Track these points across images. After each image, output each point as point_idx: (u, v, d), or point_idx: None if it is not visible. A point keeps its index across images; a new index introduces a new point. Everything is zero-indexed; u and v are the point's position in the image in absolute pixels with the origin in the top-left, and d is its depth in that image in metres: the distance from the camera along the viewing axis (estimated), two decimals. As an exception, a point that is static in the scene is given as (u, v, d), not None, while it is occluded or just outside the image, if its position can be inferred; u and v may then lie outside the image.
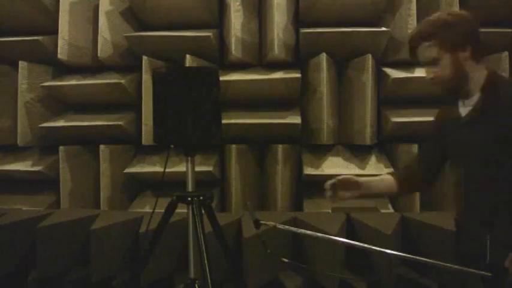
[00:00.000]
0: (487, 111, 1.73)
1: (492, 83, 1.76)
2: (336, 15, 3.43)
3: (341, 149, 3.54)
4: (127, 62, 3.65)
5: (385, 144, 3.56)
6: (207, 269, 2.21)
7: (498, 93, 1.73)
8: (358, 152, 3.50)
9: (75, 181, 3.66)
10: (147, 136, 3.47)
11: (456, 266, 1.65)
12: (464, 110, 1.82)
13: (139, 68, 3.52)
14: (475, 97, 1.77)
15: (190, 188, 2.40)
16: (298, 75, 3.43)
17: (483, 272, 1.56)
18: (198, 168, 2.62)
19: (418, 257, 1.66)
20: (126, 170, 3.55)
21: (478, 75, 1.77)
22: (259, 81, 3.43)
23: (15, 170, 3.73)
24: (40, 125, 3.67)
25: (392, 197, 3.27)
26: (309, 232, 2.01)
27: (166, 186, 2.59)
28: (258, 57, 3.64)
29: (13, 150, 3.80)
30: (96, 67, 3.70)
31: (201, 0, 3.45)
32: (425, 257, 1.67)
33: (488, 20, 3.41)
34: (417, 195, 3.38)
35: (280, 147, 3.44)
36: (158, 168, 3.48)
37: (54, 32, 3.64)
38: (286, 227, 2.00)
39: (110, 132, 3.61)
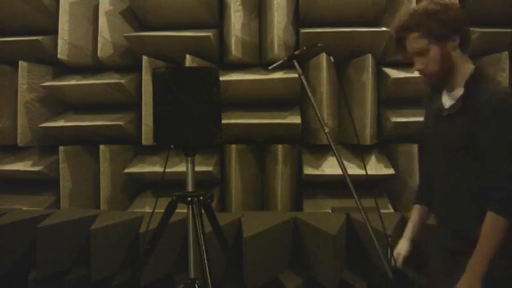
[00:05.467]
0: (466, 106, 1.70)
1: (477, 78, 1.72)
2: (336, 15, 3.43)
3: (341, 149, 3.54)
4: (127, 62, 3.65)
5: (385, 144, 3.57)
6: (207, 269, 2.21)
7: (479, 90, 1.69)
8: (358, 152, 3.50)
9: (75, 181, 3.66)
10: (147, 136, 3.47)
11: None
12: (448, 101, 1.80)
13: (139, 68, 3.52)
14: (459, 90, 1.75)
15: (190, 188, 2.39)
16: (298, 75, 3.42)
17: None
18: (198, 168, 2.62)
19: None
20: (126, 170, 3.55)
21: (465, 68, 1.75)
22: (259, 81, 3.43)
23: (15, 170, 3.73)
24: (40, 125, 3.67)
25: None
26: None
27: (166, 186, 2.59)
28: (258, 57, 3.64)
29: (13, 150, 3.81)
30: (96, 67, 3.70)
31: (201, 0, 3.45)
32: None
33: (488, 20, 3.43)
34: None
35: (280, 147, 3.44)
36: (158, 168, 3.48)
37: (54, 32, 3.65)
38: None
39: (110, 132, 3.61)
